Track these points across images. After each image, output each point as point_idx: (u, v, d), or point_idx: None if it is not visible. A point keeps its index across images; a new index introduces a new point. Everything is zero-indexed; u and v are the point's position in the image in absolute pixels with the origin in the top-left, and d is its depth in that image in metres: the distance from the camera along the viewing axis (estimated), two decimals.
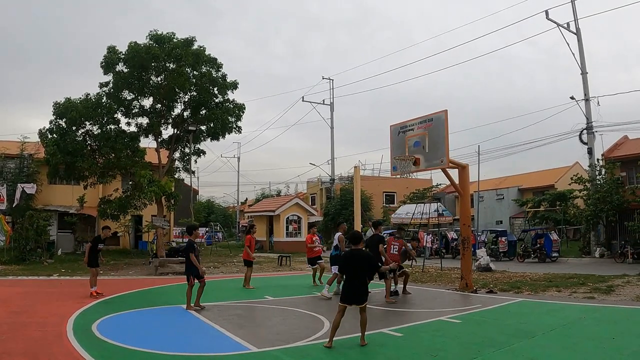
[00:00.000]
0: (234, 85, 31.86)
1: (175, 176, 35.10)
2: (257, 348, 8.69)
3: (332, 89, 55.33)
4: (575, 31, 34.62)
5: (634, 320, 11.15)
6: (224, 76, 31.53)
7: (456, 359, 7.99)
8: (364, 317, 9.20)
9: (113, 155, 29.43)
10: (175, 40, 29.39)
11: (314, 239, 19.10)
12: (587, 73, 34.49)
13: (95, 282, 15.01)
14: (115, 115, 29.91)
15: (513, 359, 8.08)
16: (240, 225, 75.08)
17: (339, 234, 17.04)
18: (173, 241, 38.52)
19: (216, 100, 31.81)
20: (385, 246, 15.40)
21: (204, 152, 34.99)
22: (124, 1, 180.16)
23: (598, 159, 34.92)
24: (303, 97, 55.25)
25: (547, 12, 33.89)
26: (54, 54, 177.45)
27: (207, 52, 30.56)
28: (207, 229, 54.52)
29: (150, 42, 28.88)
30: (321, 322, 11.15)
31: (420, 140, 17.13)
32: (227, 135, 33.09)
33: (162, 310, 12.95)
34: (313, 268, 19.38)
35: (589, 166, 35.17)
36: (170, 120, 32.20)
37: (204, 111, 31.83)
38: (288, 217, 44.12)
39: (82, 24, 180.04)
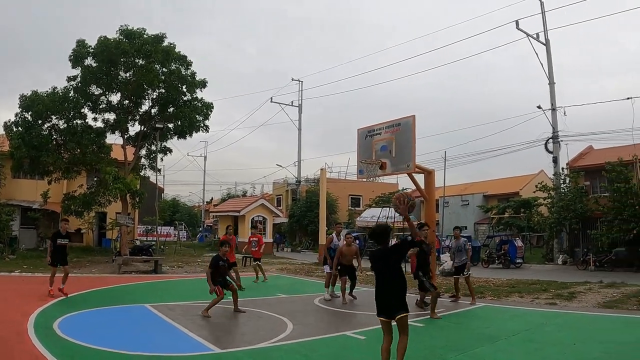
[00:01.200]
0: (202, 84, 31.72)
1: (141, 174, 34.74)
2: (220, 349, 8.67)
3: (301, 90, 55.53)
4: (544, 42, 35.09)
5: (595, 326, 11.32)
6: (193, 74, 31.36)
7: None
8: (403, 340, 7.03)
9: (79, 150, 29.09)
10: (145, 36, 29.16)
11: (252, 239, 19.58)
12: (554, 83, 35.03)
13: (53, 282, 14.43)
14: (82, 110, 29.60)
15: None
16: (205, 225, 74.73)
17: (333, 234, 17.11)
18: (137, 239, 38.20)
19: (184, 98, 31.60)
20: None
21: (170, 150, 34.75)
22: None
23: (563, 168, 35.47)
24: (272, 98, 55.39)
25: (517, 22, 34.33)
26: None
27: (177, 50, 30.40)
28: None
29: (120, 37, 28.60)
30: (285, 323, 11.13)
31: (388, 144, 17.19)
32: (194, 134, 32.93)
33: (125, 309, 12.83)
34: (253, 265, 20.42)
35: (553, 175, 35.66)
36: (138, 117, 31.90)
37: (171, 109, 31.60)
38: (253, 218, 43.96)
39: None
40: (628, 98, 31.98)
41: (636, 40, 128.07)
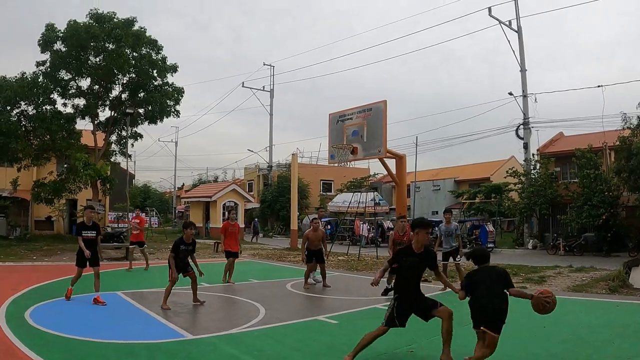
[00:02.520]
0: (173, 69, 31.57)
1: (112, 160, 34.52)
2: (193, 335, 8.67)
3: (273, 75, 55.36)
4: (516, 29, 35.28)
5: (564, 310, 11.46)
6: (164, 59, 31.19)
7: (392, 346, 8.12)
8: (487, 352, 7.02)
9: (48, 136, 28.84)
10: (115, 20, 28.93)
11: (135, 221, 19.44)
12: (526, 70, 35.33)
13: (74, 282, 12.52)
14: (52, 96, 29.34)
15: None
16: (176, 211, 74.37)
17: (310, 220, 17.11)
18: (108, 226, 37.83)
19: (155, 83, 31.45)
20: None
21: (141, 136, 34.52)
22: None
23: (533, 154, 35.84)
24: (243, 83, 55.29)
25: (489, 9, 34.50)
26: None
27: (147, 34, 30.17)
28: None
29: (90, 21, 28.32)
30: (257, 309, 11.16)
31: (359, 129, 17.29)
32: (165, 119, 32.80)
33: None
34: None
35: (524, 160, 36.05)
36: (108, 102, 31.68)
37: (142, 94, 31.43)
38: (225, 204, 43.78)
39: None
40: (599, 86, 32.48)
41: (607, 29, 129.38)
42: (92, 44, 28.32)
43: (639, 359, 7.35)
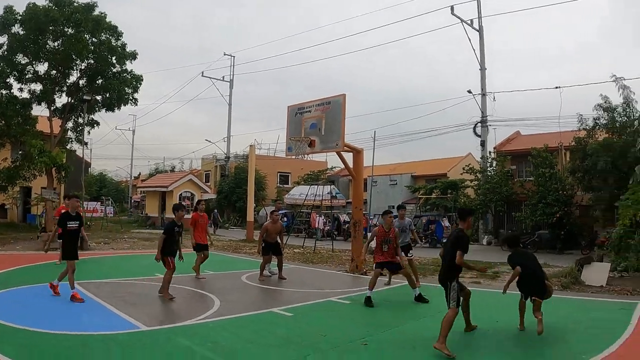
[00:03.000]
0: (132, 56, 31.20)
1: (67, 147, 33.99)
2: (147, 326, 8.64)
3: (233, 65, 55.10)
4: (478, 28, 35.60)
5: (517, 305, 11.64)
6: (123, 45, 30.79)
7: (345, 339, 8.16)
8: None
9: (3, 122, 28.32)
10: (75, 4, 28.45)
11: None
12: (485, 69, 35.73)
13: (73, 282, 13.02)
14: (8, 80, 28.74)
15: (400, 340, 8.39)
16: (132, 201, 73.62)
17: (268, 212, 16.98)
18: None
19: (114, 70, 31.02)
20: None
21: (97, 123, 33.99)
22: None
23: (490, 152, 36.36)
24: (203, 72, 54.89)
25: (452, 8, 34.67)
26: None
27: (107, 19, 29.77)
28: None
29: (50, 4, 27.82)
30: (212, 300, 11.19)
31: (317, 122, 17.31)
32: (122, 107, 32.39)
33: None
34: None
35: (481, 158, 36.50)
36: (65, 88, 31.14)
37: (100, 80, 30.96)
38: (181, 194, 43.45)
39: None
40: (557, 87, 32.85)
41: (568, 33, 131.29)
42: (50, 27, 27.84)
43: (590, 354, 7.48)
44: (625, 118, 26.92)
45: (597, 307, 10.41)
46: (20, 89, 29.79)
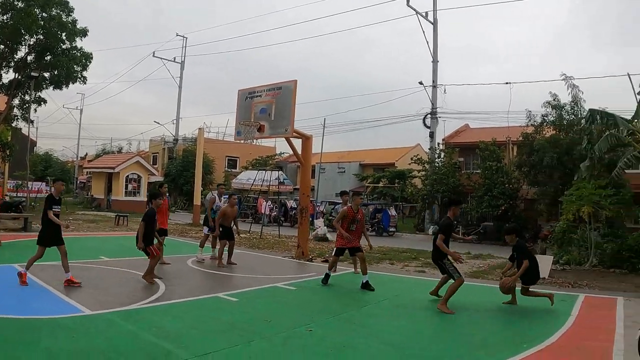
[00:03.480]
0: (83, 33, 30.46)
1: (13, 125, 33.18)
2: (91, 311, 8.50)
3: (185, 47, 54.77)
4: (432, 21, 35.86)
5: (460, 294, 11.74)
6: (74, 21, 30.02)
7: (290, 325, 8.18)
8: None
9: None
10: None
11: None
12: (438, 61, 36.13)
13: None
14: None
15: (345, 326, 8.46)
16: (78, 181, 72.42)
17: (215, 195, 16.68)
18: (7, 195, 36.50)
19: (63, 47, 30.24)
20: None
21: (45, 101, 33.15)
22: None
23: (439, 143, 36.89)
24: (154, 53, 54.22)
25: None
26: None
27: None
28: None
29: None
30: (157, 285, 11.06)
31: (267, 107, 17.27)
32: (71, 85, 31.65)
33: None
34: None
35: (429, 149, 36.99)
36: (12, 64, 30.29)
37: (49, 57, 30.18)
38: (128, 176, 42.88)
39: None
40: (507, 83, 33.41)
41: (521, 31, 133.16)
42: None
43: (531, 344, 7.62)
44: (573, 116, 27.56)
45: (539, 298, 10.55)
46: None
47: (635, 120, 16.57)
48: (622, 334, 8.39)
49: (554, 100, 28.14)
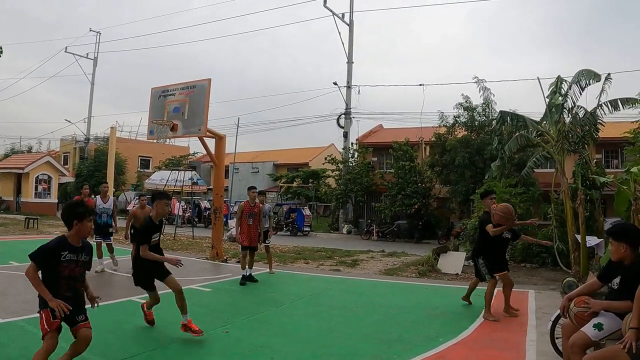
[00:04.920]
0: None
1: None
2: (2, 319, 8.23)
3: (98, 43, 53.26)
4: (348, 23, 36.17)
5: (376, 292, 12.01)
6: None
7: (207, 327, 8.12)
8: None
9: None
10: None
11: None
12: (353, 62, 36.57)
13: None
14: None
15: (262, 327, 8.49)
16: None
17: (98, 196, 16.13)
18: None
19: None
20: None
21: None
22: None
23: (353, 143, 37.19)
24: (66, 48, 52.51)
25: (325, 0, 34.96)
26: None
27: None
28: None
29: None
30: None
31: (181, 106, 17.13)
32: None
33: None
34: None
35: (343, 149, 37.30)
36: None
37: None
38: (38, 176, 41.66)
39: None
40: (420, 84, 34.22)
41: (431, 32, 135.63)
42: None
43: (446, 337, 7.91)
44: (484, 118, 28.34)
45: (453, 293, 10.87)
46: None
47: (544, 122, 17.13)
48: (534, 325, 8.80)
49: (465, 102, 28.96)
